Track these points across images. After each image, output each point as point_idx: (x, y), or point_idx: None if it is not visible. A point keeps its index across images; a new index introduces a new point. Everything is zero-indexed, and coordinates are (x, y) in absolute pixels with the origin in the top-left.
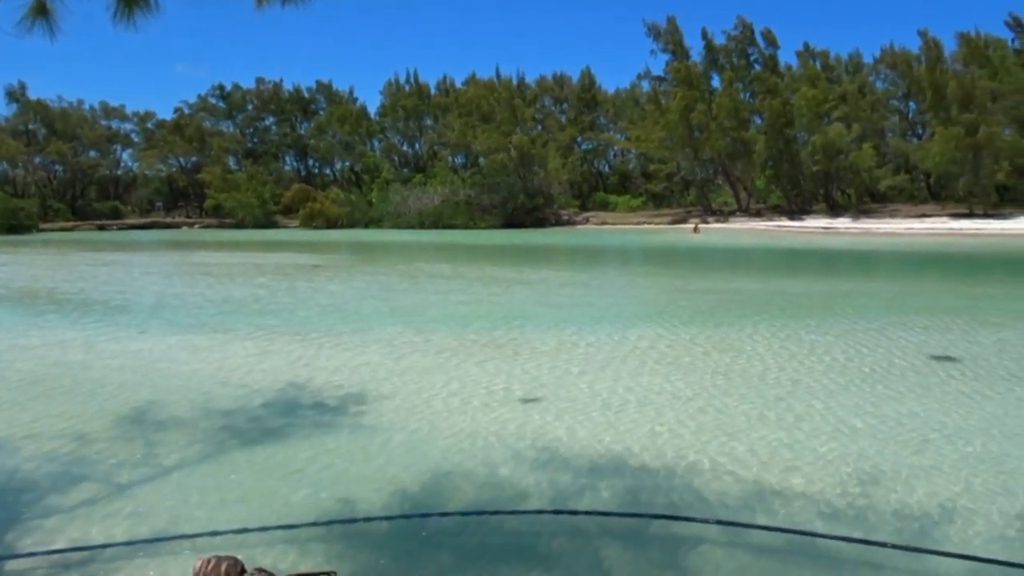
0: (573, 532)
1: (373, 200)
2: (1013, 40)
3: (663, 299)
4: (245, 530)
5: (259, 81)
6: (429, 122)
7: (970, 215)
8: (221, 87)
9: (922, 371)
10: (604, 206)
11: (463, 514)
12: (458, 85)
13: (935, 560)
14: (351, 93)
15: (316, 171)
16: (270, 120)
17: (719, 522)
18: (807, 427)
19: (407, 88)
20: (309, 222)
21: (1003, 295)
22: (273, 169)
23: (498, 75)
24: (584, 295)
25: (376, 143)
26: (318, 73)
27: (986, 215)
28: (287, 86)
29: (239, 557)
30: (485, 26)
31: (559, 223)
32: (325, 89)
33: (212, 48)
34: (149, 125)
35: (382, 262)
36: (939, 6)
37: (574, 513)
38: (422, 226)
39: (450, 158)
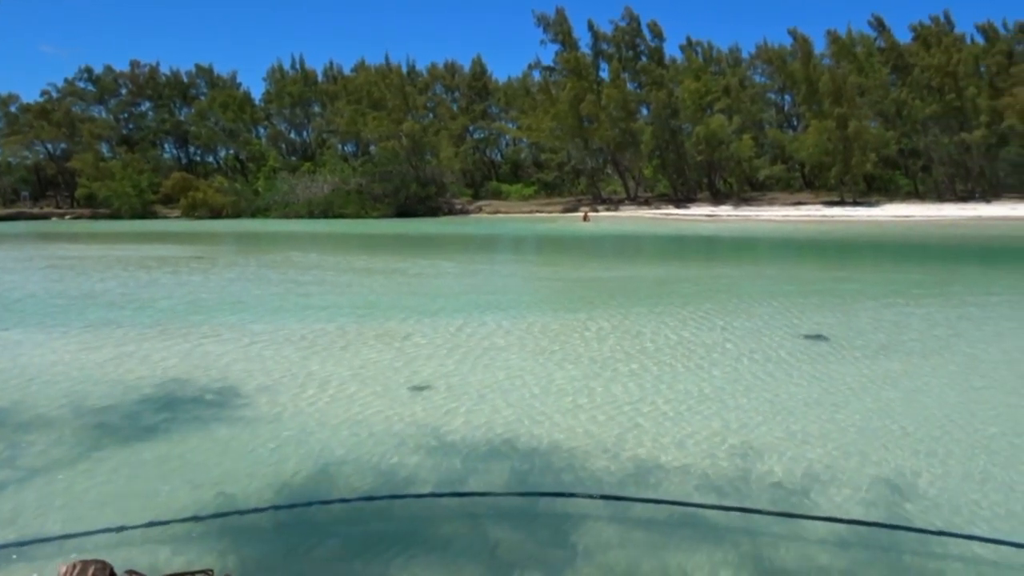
0: (463, 514)
1: (259, 189)
2: (877, 39)
3: (551, 287)
4: (122, 528)
5: (133, 64)
6: (317, 109)
7: (841, 203)
8: (89, 70)
9: (795, 350)
10: (497, 195)
11: (350, 501)
12: (347, 72)
13: (806, 524)
14: (234, 78)
15: (198, 159)
16: (146, 105)
17: (604, 497)
18: (687, 405)
19: (293, 74)
20: (191, 212)
21: (870, 279)
22: (151, 157)
23: (388, 62)
24: (473, 284)
25: (262, 130)
26: (197, 57)
27: (855, 203)
28: (164, 69)
29: (108, 560)
30: (373, 12)
31: (452, 212)
32: (206, 73)
33: (81, 28)
34: (12, 109)
35: (267, 253)
36: (811, 4)
37: (462, 495)
38: (311, 216)
39: (340, 146)
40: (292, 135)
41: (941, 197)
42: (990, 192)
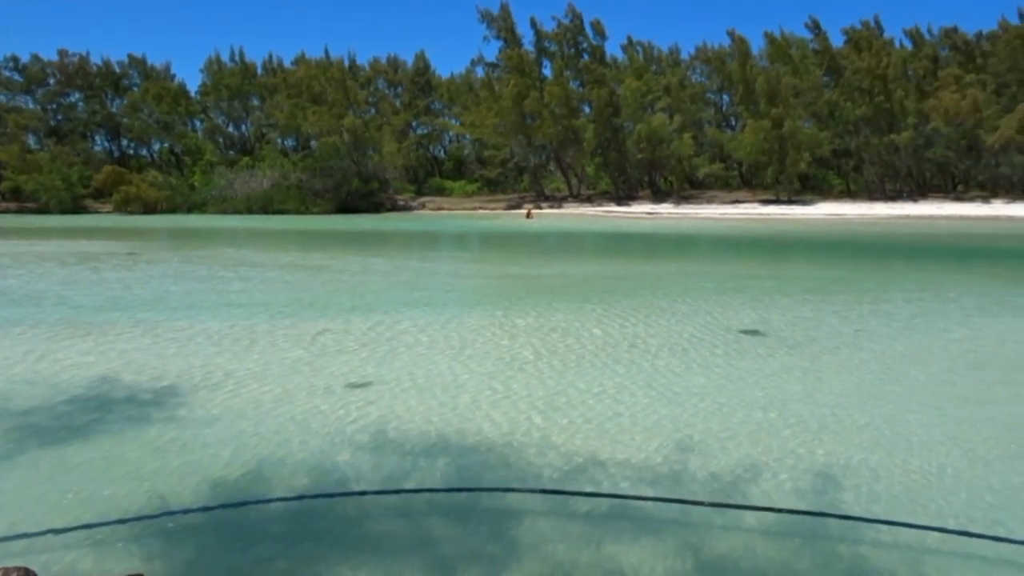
0: (402, 511)
1: (196, 184)
2: (812, 41)
3: (492, 283)
4: (46, 532)
5: (62, 54)
6: (256, 102)
7: (777, 201)
8: (15, 59)
9: (732, 344)
10: (440, 191)
11: (287, 500)
12: (287, 65)
13: (740, 514)
14: (167, 69)
15: (131, 152)
16: (76, 96)
17: (544, 491)
18: (627, 399)
19: (231, 66)
20: (124, 207)
21: (803, 276)
22: (81, 149)
23: (328, 56)
24: (414, 280)
25: (198, 123)
26: (130, 47)
27: (790, 201)
28: (95, 59)
29: (31, 567)
30: (313, 5)
31: (395, 208)
32: (138, 64)
33: (5, 16)
34: None
35: (198, 249)
36: (750, 6)
37: (400, 492)
38: (250, 211)
39: (279, 141)
40: (230, 129)
41: (872, 196)
42: (917, 192)
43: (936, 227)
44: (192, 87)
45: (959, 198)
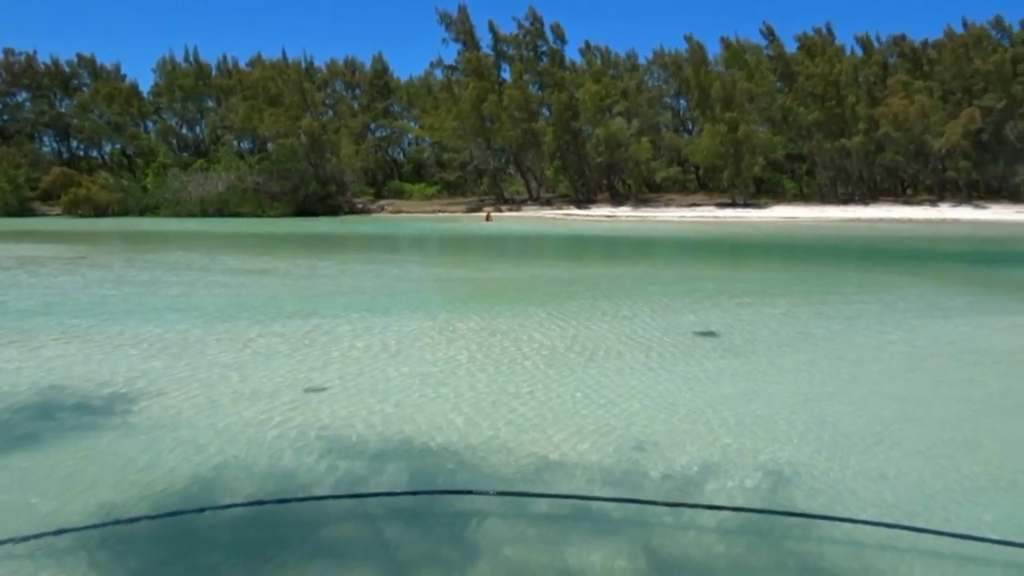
0: (357, 516)
1: (148, 186)
2: (766, 47)
3: (450, 286)
4: None
5: (8, 52)
6: (211, 104)
7: (733, 204)
8: None
9: (686, 345)
10: (399, 194)
11: (242, 505)
12: (242, 66)
13: (696, 513)
14: (118, 69)
15: (81, 154)
16: (23, 96)
17: (500, 493)
18: (582, 401)
19: (185, 67)
20: (73, 209)
21: (751, 278)
22: (28, 151)
23: (285, 57)
24: (371, 283)
25: (151, 125)
26: (78, 46)
27: (746, 204)
28: (43, 58)
29: None
30: (270, 5)
31: (353, 211)
32: (88, 64)
33: None
34: None
35: (146, 253)
36: (707, 12)
37: (356, 496)
38: (205, 214)
39: (235, 143)
40: (184, 130)
41: (824, 199)
42: (868, 195)
43: (883, 230)
44: (144, 88)
45: (908, 201)
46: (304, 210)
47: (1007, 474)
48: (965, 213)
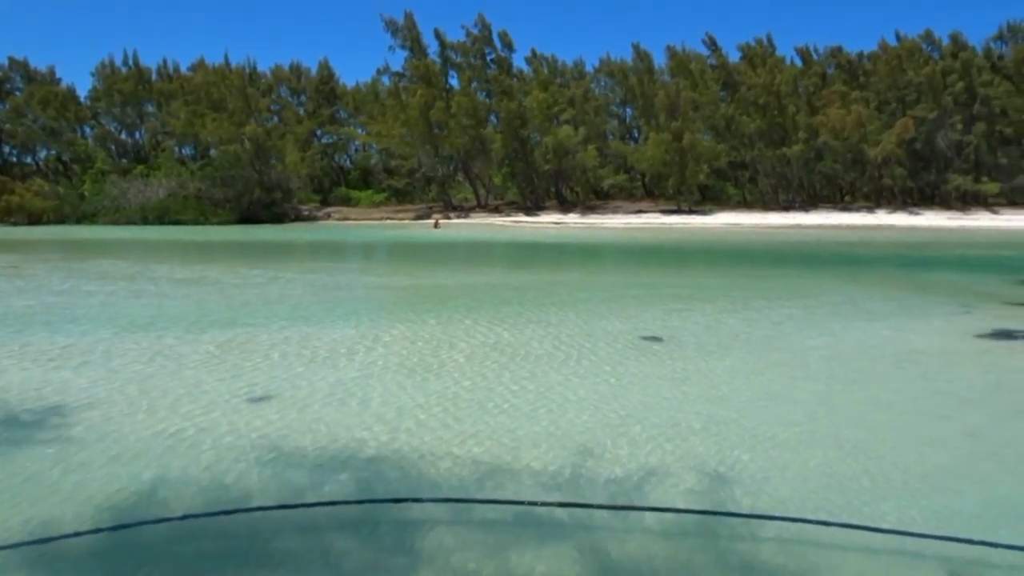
0: (303, 527)
1: (86, 193)
2: (709, 57)
3: (395, 294)
4: None
5: None
6: (151, 109)
7: (678, 211)
8: None
9: (632, 350)
10: (346, 201)
11: (182, 519)
12: (183, 70)
13: (641, 515)
14: (52, 73)
15: (14, 160)
16: None
17: (446, 500)
18: (528, 406)
19: (124, 71)
20: (6, 218)
21: (703, 283)
22: None
23: (228, 62)
24: (303, 292)
25: (88, 130)
26: (10, 50)
27: (691, 211)
28: None
29: None
30: (211, 9)
31: (299, 218)
32: (20, 67)
33: None
34: None
35: (81, 261)
36: (650, 20)
37: (301, 507)
38: (145, 221)
39: (176, 148)
40: (123, 136)
41: (766, 206)
42: (808, 202)
43: (821, 236)
44: (82, 92)
45: (846, 208)
46: (248, 217)
47: (928, 470)
48: (900, 219)
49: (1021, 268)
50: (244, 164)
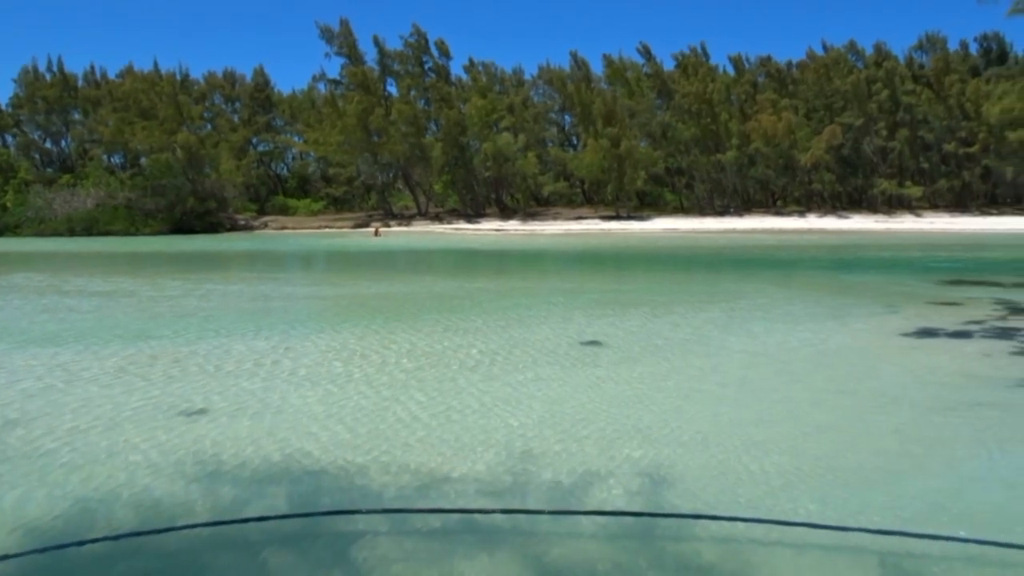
0: (238, 543)
1: (8, 204)
2: (644, 65)
3: (331, 304)
4: None
5: None
6: (77, 116)
7: (617, 217)
8: None
9: (572, 355)
10: (284, 210)
11: (113, 539)
12: (112, 77)
13: (579, 519)
14: None
15: None
16: None
17: (385, 510)
18: (463, 413)
19: (48, 77)
20: None
21: (634, 288)
22: None
23: (158, 68)
24: (231, 304)
25: (10, 139)
26: None
27: (629, 217)
28: None
29: None
30: (140, 14)
31: (235, 228)
32: None
33: None
34: None
35: (3, 276)
36: (586, 28)
37: (237, 522)
38: (72, 233)
39: (105, 157)
40: (47, 144)
41: (703, 212)
42: (743, 207)
43: (754, 240)
44: (2, 99)
45: (779, 213)
46: (182, 227)
47: (856, 466)
48: (830, 223)
49: (943, 268)
50: (176, 173)
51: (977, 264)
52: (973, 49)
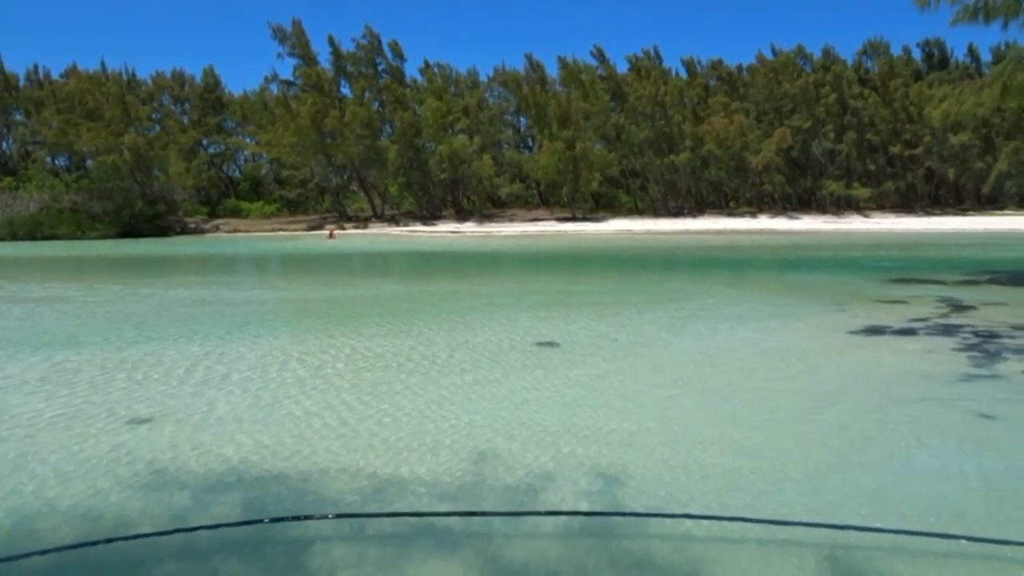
0: (186, 552)
1: None
2: (598, 68)
3: (270, 308)
4: None
5: None
6: (20, 117)
7: (573, 219)
8: None
9: (528, 355)
10: (236, 213)
11: (59, 550)
12: (55, 76)
13: (533, 520)
14: None
15: None
16: None
17: (339, 516)
18: (416, 417)
19: None
20: None
21: (592, 289)
22: None
23: (104, 68)
24: (169, 309)
25: None
26: None
27: (585, 218)
28: None
29: None
30: (84, 12)
31: (185, 231)
32: None
33: None
34: None
35: None
36: (542, 30)
37: (187, 531)
38: (15, 237)
39: (49, 159)
40: None
41: (657, 213)
42: (696, 208)
43: (707, 240)
44: None
45: (731, 213)
46: (130, 231)
47: (803, 462)
48: (781, 223)
49: (889, 268)
50: (124, 175)
51: (921, 263)
52: (916, 54)
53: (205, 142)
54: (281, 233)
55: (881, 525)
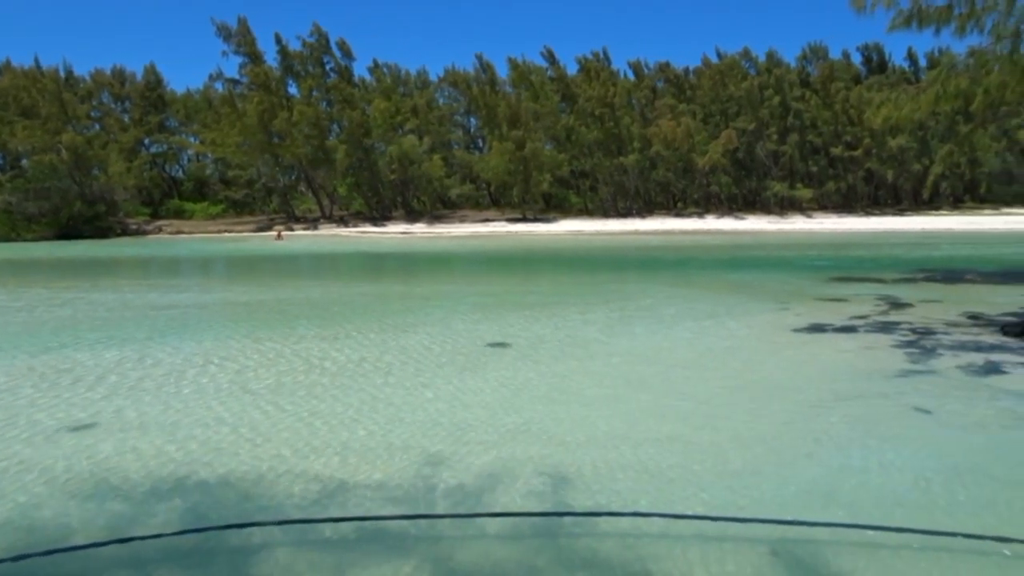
0: (128, 563)
1: None
2: (548, 69)
3: (224, 310)
4: None
5: None
6: None
7: (524, 219)
8: None
9: (479, 357)
10: (180, 214)
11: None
12: None
13: (483, 521)
14: None
15: None
16: None
17: (285, 522)
18: (361, 420)
19: None
20: None
21: (533, 289)
22: None
23: (39, 64)
24: (91, 313)
25: None
26: None
27: (536, 219)
28: None
29: None
30: (18, 7)
31: (126, 232)
32: None
33: None
34: None
35: None
36: (492, 31)
37: (127, 541)
38: None
39: None
40: None
41: (606, 214)
42: (645, 209)
43: (654, 241)
44: None
45: (679, 214)
46: (68, 233)
47: (741, 458)
48: (727, 224)
49: (830, 267)
50: (61, 175)
51: (861, 262)
52: (856, 58)
53: (147, 141)
54: (227, 235)
55: (824, 519)
